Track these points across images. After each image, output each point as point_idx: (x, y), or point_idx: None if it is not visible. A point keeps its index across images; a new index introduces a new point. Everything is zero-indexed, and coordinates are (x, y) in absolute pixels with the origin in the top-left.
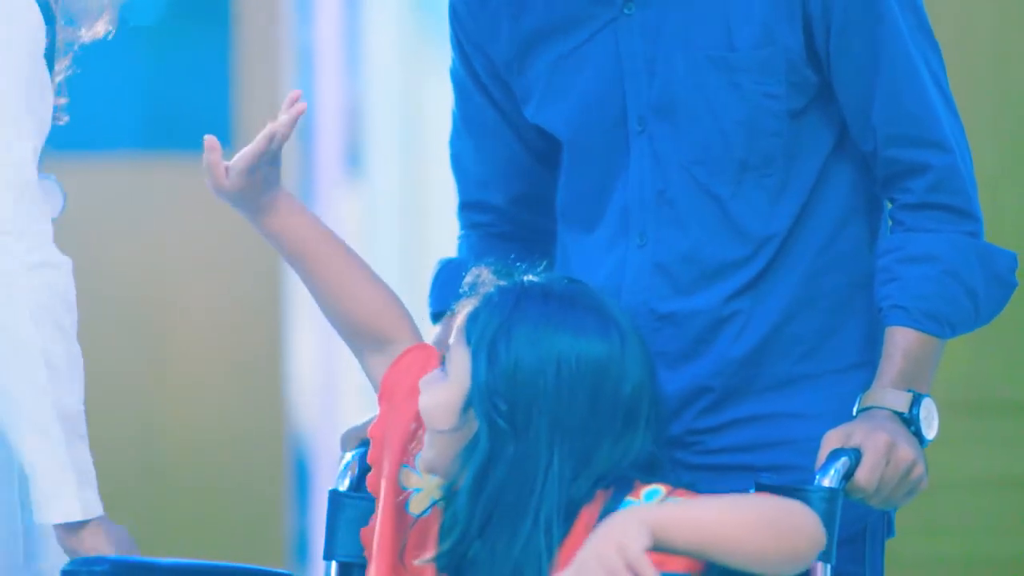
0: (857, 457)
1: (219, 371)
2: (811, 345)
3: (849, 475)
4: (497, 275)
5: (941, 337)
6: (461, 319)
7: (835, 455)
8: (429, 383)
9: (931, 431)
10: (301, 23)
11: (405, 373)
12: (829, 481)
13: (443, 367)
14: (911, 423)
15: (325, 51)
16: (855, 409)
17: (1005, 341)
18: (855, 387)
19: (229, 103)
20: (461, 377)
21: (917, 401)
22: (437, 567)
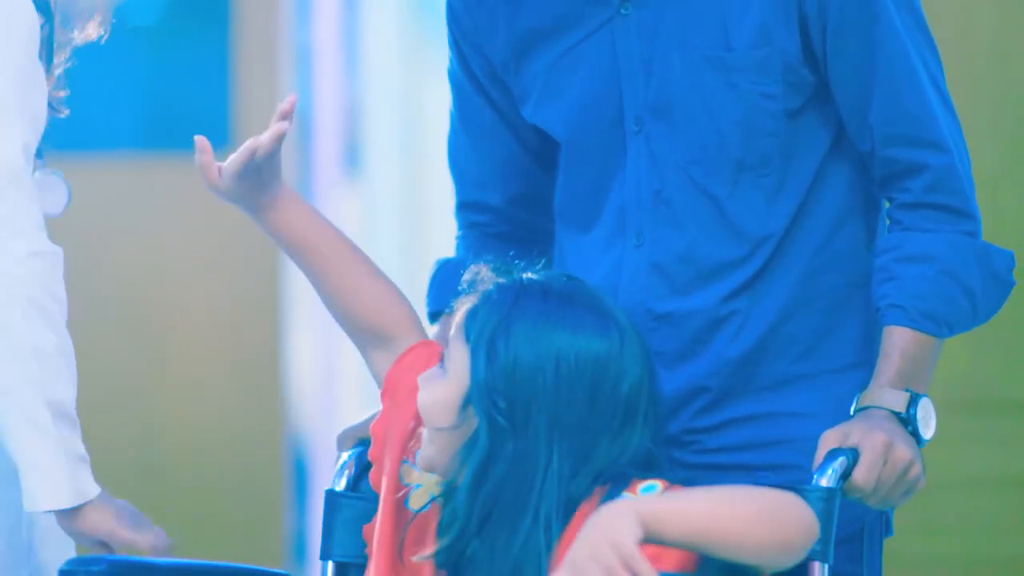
0: (855, 457)
1: (219, 371)
2: (808, 345)
3: (847, 475)
4: (496, 273)
5: (939, 337)
6: (460, 316)
7: (832, 455)
8: (428, 380)
9: (928, 431)
10: (300, 23)
11: (408, 370)
12: (827, 481)
13: (442, 364)
14: (908, 423)
15: (324, 51)
16: (852, 409)
17: (1003, 340)
18: (852, 387)
19: (228, 103)
20: (460, 374)
21: (914, 401)
22: (436, 564)
